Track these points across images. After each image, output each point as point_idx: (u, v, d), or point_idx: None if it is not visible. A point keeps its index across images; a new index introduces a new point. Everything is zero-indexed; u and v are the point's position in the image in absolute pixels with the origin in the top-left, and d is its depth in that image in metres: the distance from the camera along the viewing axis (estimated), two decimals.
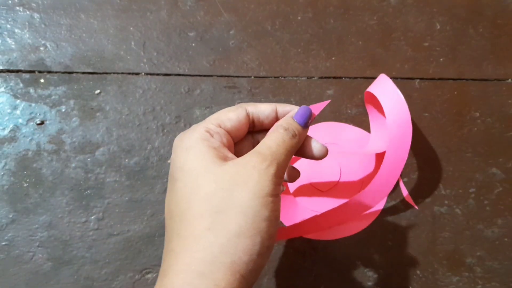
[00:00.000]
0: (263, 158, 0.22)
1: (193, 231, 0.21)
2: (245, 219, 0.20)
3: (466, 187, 0.42)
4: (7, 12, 0.46)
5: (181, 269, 0.20)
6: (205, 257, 0.20)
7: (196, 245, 0.20)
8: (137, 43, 0.45)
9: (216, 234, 0.20)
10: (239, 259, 0.20)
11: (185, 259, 0.20)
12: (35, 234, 0.40)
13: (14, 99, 0.43)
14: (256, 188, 0.21)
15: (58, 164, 0.42)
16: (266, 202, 0.21)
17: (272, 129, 0.26)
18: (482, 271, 0.40)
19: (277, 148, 0.23)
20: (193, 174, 0.22)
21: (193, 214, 0.21)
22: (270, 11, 0.47)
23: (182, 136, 0.24)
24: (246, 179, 0.21)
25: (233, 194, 0.21)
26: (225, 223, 0.20)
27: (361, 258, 0.40)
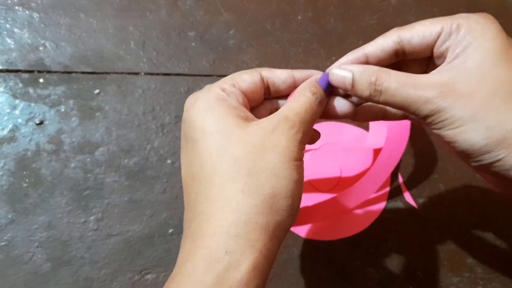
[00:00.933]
0: (292, 124, 0.22)
1: (224, 193, 0.21)
2: (278, 180, 0.21)
3: (466, 187, 0.42)
4: (7, 12, 0.45)
5: (214, 231, 0.20)
6: (239, 218, 0.20)
7: (228, 207, 0.20)
8: (136, 43, 0.45)
9: (250, 195, 0.20)
10: (273, 219, 0.20)
11: (218, 221, 0.20)
12: (34, 235, 0.40)
13: (13, 99, 0.43)
14: (286, 152, 0.21)
15: (58, 164, 0.42)
16: (295, 165, 0.21)
17: (298, 92, 0.24)
18: (483, 271, 0.40)
19: (304, 114, 0.23)
20: (217, 136, 0.22)
21: (222, 177, 0.21)
22: (270, 11, 0.47)
23: (196, 96, 0.24)
24: (276, 144, 0.21)
25: (263, 157, 0.21)
26: (258, 185, 0.21)
27: (361, 258, 0.40)
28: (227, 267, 0.19)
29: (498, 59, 0.21)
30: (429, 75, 0.22)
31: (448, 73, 0.22)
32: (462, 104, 0.21)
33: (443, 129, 0.22)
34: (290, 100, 0.24)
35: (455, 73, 0.22)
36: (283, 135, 0.22)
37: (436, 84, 0.22)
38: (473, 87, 0.21)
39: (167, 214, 0.41)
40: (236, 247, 0.20)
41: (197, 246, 0.20)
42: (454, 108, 0.21)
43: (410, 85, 0.22)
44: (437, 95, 0.21)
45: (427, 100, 0.21)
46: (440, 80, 0.22)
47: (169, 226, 0.40)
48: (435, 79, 0.22)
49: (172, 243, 0.40)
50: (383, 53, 0.25)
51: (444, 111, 0.21)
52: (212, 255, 0.20)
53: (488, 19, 0.22)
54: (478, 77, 0.21)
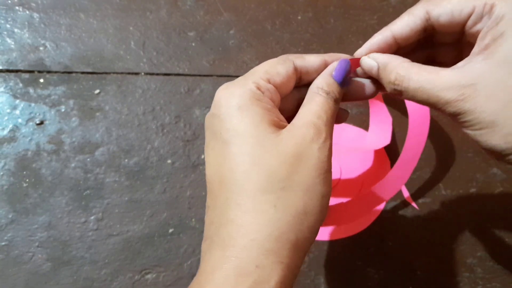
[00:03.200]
0: (319, 131, 0.22)
1: (257, 205, 0.20)
2: (310, 196, 0.21)
3: (466, 187, 0.42)
4: (7, 12, 0.45)
5: (245, 244, 0.20)
6: (271, 234, 0.20)
7: (262, 220, 0.20)
8: (136, 43, 0.45)
9: (283, 211, 0.20)
10: (303, 236, 0.20)
11: (250, 233, 0.20)
12: (35, 235, 0.40)
13: (13, 99, 0.43)
14: (318, 165, 0.21)
15: (58, 164, 0.42)
16: (326, 178, 0.21)
17: (312, 92, 0.23)
18: (483, 271, 0.40)
19: (327, 118, 0.22)
20: (251, 141, 0.21)
21: (256, 188, 0.20)
22: (270, 11, 0.47)
23: (230, 90, 0.22)
24: (309, 155, 0.21)
25: (297, 170, 0.21)
26: (290, 200, 0.20)
27: (361, 258, 0.40)
28: (257, 281, 0.19)
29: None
30: (451, 73, 0.21)
31: (470, 71, 0.20)
32: (482, 108, 0.20)
33: (466, 128, 0.21)
34: (307, 100, 0.23)
35: (478, 71, 0.20)
36: (313, 144, 0.21)
37: (456, 85, 0.20)
38: (494, 89, 0.19)
39: (167, 214, 0.41)
40: (266, 263, 0.20)
41: (228, 255, 0.20)
42: (474, 112, 0.20)
43: (430, 85, 0.21)
44: (457, 98, 0.20)
45: (447, 102, 0.20)
46: (460, 81, 0.20)
47: (169, 226, 0.40)
48: (456, 79, 0.20)
49: (172, 243, 0.40)
50: (411, 32, 0.23)
51: (465, 113, 0.20)
52: (243, 268, 0.19)
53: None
54: (501, 77, 0.19)
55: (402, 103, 0.40)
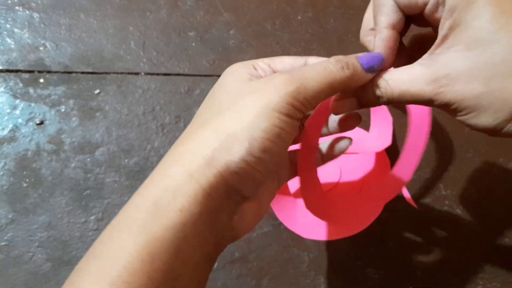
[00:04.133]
0: (290, 79, 0.21)
1: (193, 127, 0.22)
2: (241, 122, 0.20)
3: (466, 187, 0.42)
4: (7, 12, 0.45)
5: (174, 155, 0.21)
6: (190, 148, 0.21)
7: (193, 138, 0.21)
8: (136, 43, 0.45)
9: (211, 129, 0.21)
10: (221, 156, 0.20)
11: (182, 146, 0.21)
12: (35, 235, 0.40)
13: (13, 99, 0.43)
14: (264, 99, 0.21)
15: (58, 164, 0.42)
16: (269, 114, 0.20)
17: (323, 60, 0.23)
18: (483, 271, 0.40)
19: (312, 74, 0.21)
20: (224, 87, 0.23)
21: (201, 115, 0.22)
22: (270, 11, 0.47)
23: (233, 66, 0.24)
24: (260, 90, 0.21)
25: (243, 100, 0.21)
26: (222, 121, 0.21)
27: (361, 258, 0.40)
28: (165, 190, 0.20)
29: (491, 35, 0.20)
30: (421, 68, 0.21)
31: (439, 63, 0.21)
32: (463, 95, 0.20)
33: (456, 116, 0.21)
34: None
35: (446, 61, 0.21)
36: (272, 86, 0.21)
37: (430, 79, 0.21)
38: (467, 75, 0.20)
39: None
40: (175, 174, 0.20)
41: (154, 173, 0.21)
42: (456, 100, 0.20)
43: (407, 85, 0.21)
44: (436, 91, 0.21)
45: (429, 98, 0.21)
46: (433, 74, 0.21)
47: None
48: (427, 73, 0.21)
49: None
50: (398, 14, 0.23)
51: (448, 104, 0.21)
52: (163, 175, 0.20)
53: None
54: (470, 63, 0.20)
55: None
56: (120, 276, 0.17)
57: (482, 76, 0.20)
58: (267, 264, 0.40)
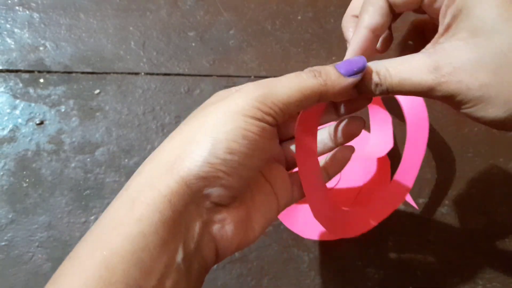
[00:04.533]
0: (258, 85, 0.21)
1: (162, 143, 0.22)
2: (202, 125, 0.20)
3: (466, 187, 0.42)
4: (7, 12, 0.45)
5: (141, 171, 0.21)
6: (155, 158, 0.21)
7: (157, 152, 0.21)
8: (136, 43, 0.45)
9: (173, 137, 0.21)
10: (181, 162, 0.20)
11: (149, 160, 0.21)
12: (35, 235, 0.40)
13: (13, 99, 0.43)
14: (230, 104, 0.20)
15: (58, 164, 0.42)
16: (234, 117, 0.20)
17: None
18: (483, 271, 0.40)
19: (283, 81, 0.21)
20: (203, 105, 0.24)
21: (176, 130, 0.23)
22: (270, 11, 0.47)
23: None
24: (228, 97, 0.21)
25: (207, 108, 0.21)
26: (184, 128, 0.21)
27: (361, 258, 0.40)
28: (123, 201, 0.19)
29: (498, 24, 0.19)
30: (423, 57, 0.21)
31: (443, 52, 0.20)
32: (468, 85, 0.19)
33: (461, 109, 0.20)
34: None
35: (449, 50, 0.20)
36: (239, 92, 0.21)
37: (432, 68, 0.20)
38: (472, 64, 0.19)
39: None
40: (136, 185, 0.20)
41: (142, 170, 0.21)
42: (461, 91, 0.19)
43: (408, 74, 0.21)
44: (439, 81, 0.20)
45: (431, 88, 0.20)
46: (435, 63, 0.20)
47: None
48: (429, 62, 0.20)
49: None
50: (384, 19, 0.23)
51: (453, 95, 0.20)
52: (125, 189, 0.20)
53: None
54: (476, 52, 0.19)
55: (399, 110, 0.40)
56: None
57: (489, 66, 0.19)
58: (267, 264, 0.40)
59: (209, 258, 0.21)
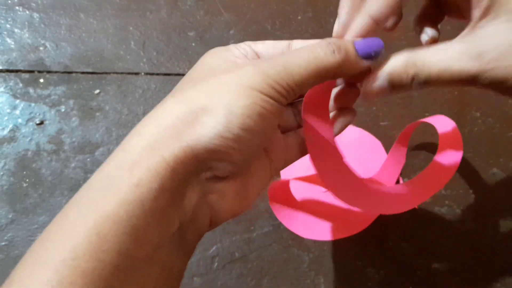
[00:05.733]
0: (273, 63, 0.19)
1: (163, 100, 0.21)
2: (216, 96, 0.19)
3: (466, 187, 0.42)
4: (7, 12, 0.45)
5: (144, 126, 0.19)
6: (159, 121, 0.19)
7: (163, 109, 0.20)
8: (136, 43, 0.45)
9: (181, 102, 0.20)
10: (191, 130, 0.18)
11: (151, 117, 0.20)
12: (35, 235, 0.40)
13: (13, 99, 0.43)
14: (245, 78, 0.19)
15: (58, 164, 0.42)
16: (250, 92, 0.19)
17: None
18: (483, 271, 0.40)
19: (298, 59, 0.20)
20: (203, 65, 0.23)
21: (175, 89, 0.21)
22: (270, 11, 0.47)
23: (209, 50, 0.24)
24: (241, 69, 0.20)
25: (218, 75, 0.20)
26: (195, 94, 0.20)
27: (361, 258, 0.40)
28: (120, 164, 0.18)
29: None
30: (463, 43, 0.19)
31: (482, 39, 0.19)
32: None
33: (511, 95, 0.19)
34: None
35: (492, 34, 0.18)
36: (254, 67, 0.19)
37: (474, 54, 0.18)
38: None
39: None
40: (134, 146, 0.18)
41: (133, 133, 0.19)
42: (510, 76, 0.18)
43: (449, 63, 0.19)
44: (483, 69, 0.18)
45: (475, 75, 0.19)
46: (477, 50, 0.19)
47: None
48: (471, 50, 0.19)
49: None
50: (390, 9, 0.21)
51: (502, 82, 0.18)
52: (122, 150, 0.19)
53: None
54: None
55: None
56: (64, 260, 0.16)
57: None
58: (267, 264, 0.40)
59: (203, 226, 0.20)
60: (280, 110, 0.20)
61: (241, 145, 0.19)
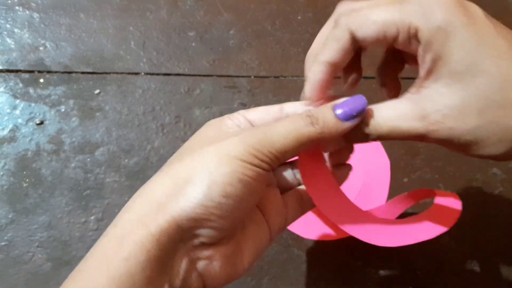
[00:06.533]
0: (255, 132, 0.21)
1: (154, 175, 0.22)
2: (198, 166, 0.20)
3: (466, 187, 0.42)
4: (7, 12, 0.46)
5: (133, 201, 0.21)
6: (146, 194, 0.21)
7: (147, 186, 0.21)
8: (136, 43, 0.45)
9: (167, 175, 0.21)
10: (176, 202, 0.19)
11: (139, 193, 0.21)
12: (35, 235, 0.40)
13: (13, 99, 0.43)
14: (226, 148, 0.20)
15: (58, 164, 0.42)
16: (230, 161, 0.20)
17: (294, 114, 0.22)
18: (483, 271, 0.40)
19: (279, 128, 0.21)
20: (195, 138, 0.23)
21: (167, 163, 0.22)
22: (270, 11, 0.47)
23: (207, 122, 0.25)
24: (224, 139, 0.21)
25: (202, 147, 0.21)
26: (178, 167, 0.21)
27: (361, 258, 0.40)
28: (111, 238, 0.19)
29: (477, 66, 0.19)
30: (409, 103, 0.20)
31: (426, 100, 0.20)
32: (459, 131, 0.19)
33: (457, 151, 0.20)
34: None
35: (434, 97, 0.20)
36: (236, 137, 0.20)
37: (419, 116, 0.20)
38: (460, 110, 0.19)
39: None
40: (124, 221, 0.20)
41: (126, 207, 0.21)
42: (454, 136, 0.19)
43: (395, 122, 0.20)
44: (428, 130, 0.20)
45: (421, 135, 0.20)
46: (422, 111, 0.20)
47: None
48: (416, 111, 0.20)
49: None
50: (346, 54, 0.22)
51: (445, 141, 0.20)
52: (114, 225, 0.20)
53: (457, 12, 0.19)
54: (461, 97, 0.19)
55: None
56: None
57: (475, 109, 0.19)
58: (267, 264, 0.40)
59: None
60: (263, 175, 0.21)
61: (224, 212, 0.20)
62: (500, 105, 0.19)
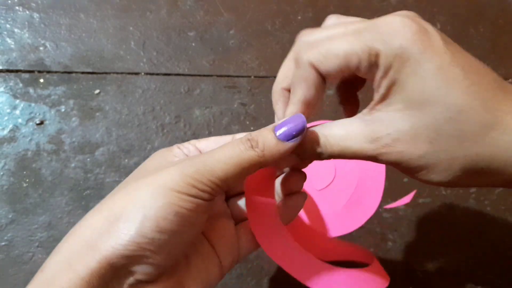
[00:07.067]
0: (193, 161, 0.20)
1: (85, 215, 0.21)
2: (131, 202, 0.19)
3: (466, 188, 0.42)
4: (7, 12, 0.46)
5: (64, 242, 0.20)
6: (75, 234, 0.20)
7: (78, 226, 0.20)
8: (136, 43, 0.45)
9: (97, 212, 0.20)
10: (107, 241, 0.18)
11: (71, 233, 0.20)
12: (35, 235, 0.40)
13: (13, 99, 0.43)
14: (162, 179, 0.19)
15: (58, 164, 0.42)
16: (165, 193, 0.19)
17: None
18: (483, 271, 0.40)
19: (219, 155, 0.20)
20: (137, 171, 0.23)
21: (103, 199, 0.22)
22: (270, 11, 0.47)
23: (155, 152, 0.24)
24: (161, 170, 0.20)
25: (137, 181, 0.20)
26: (110, 203, 0.20)
27: None
28: (38, 284, 0.18)
29: (431, 95, 0.19)
30: (360, 125, 0.21)
31: (380, 122, 0.20)
32: (408, 155, 0.19)
33: (406, 174, 0.21)
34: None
35: (386, 121, 0.20)
36: (173, 167, 0.20)
37: (370, 138, 0.20)
38: (411, 135, 0.19)
39: None
40: (52, 265, 0.19)
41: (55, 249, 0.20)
42: (403, 160, 0.20)
43: (347, 143, 0.21)
44: (379, 152, 0.20)
45: (372, 156, 0.20)
46: (372, 134, 0.20)
47: None
48: (367, 133, 0.20)
49: None
50: (317, 91, 0.22)
51: (395, 164, 0.20)
52: (42, 269, 0.19)
53: (415, 39, 0.19)
54: (412, 123, 0.19)
55: None
56: None
57: (426, 136, 0.19)
58: (267, 264, 0.40)
59: None
60: (203, 206, 0.20)
61: (159, 248, 0.19)
62: (450, 135, 0.19)
